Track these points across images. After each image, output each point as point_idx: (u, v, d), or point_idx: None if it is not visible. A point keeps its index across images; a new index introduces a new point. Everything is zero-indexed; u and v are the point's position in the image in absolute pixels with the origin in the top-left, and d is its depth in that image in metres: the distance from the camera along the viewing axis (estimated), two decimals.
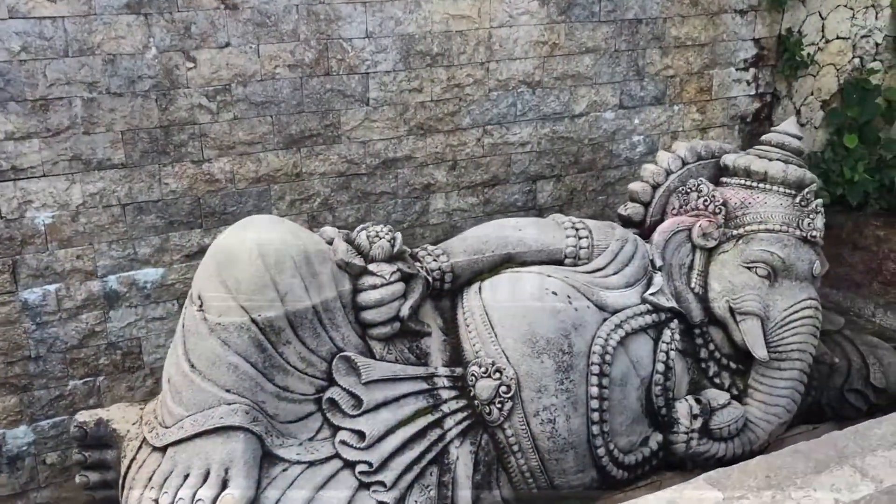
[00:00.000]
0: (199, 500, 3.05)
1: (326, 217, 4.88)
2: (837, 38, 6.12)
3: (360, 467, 3.33)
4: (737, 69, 5.83)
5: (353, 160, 4.84)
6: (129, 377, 4.66)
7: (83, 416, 3.58)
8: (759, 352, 3.92)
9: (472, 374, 3.62)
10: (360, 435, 3.38)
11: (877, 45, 6.28)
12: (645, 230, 4.30)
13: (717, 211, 4.11)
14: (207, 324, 3.22)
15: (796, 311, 3.96)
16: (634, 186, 4.37)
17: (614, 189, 5.63)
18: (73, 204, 4.26)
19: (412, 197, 5.08)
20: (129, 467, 3.35)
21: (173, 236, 4.54)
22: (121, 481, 3.40)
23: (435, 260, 3.83)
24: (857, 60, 6.24)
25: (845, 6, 6.06)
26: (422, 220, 5.15)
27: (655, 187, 4.30)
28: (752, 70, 5.89)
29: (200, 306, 3.26)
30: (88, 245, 4.36)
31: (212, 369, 3.21)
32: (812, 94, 6.19)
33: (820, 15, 5.99)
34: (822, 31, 6.05)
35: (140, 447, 3.37)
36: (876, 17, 6.21)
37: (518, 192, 5.38)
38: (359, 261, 3.52)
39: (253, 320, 3.22)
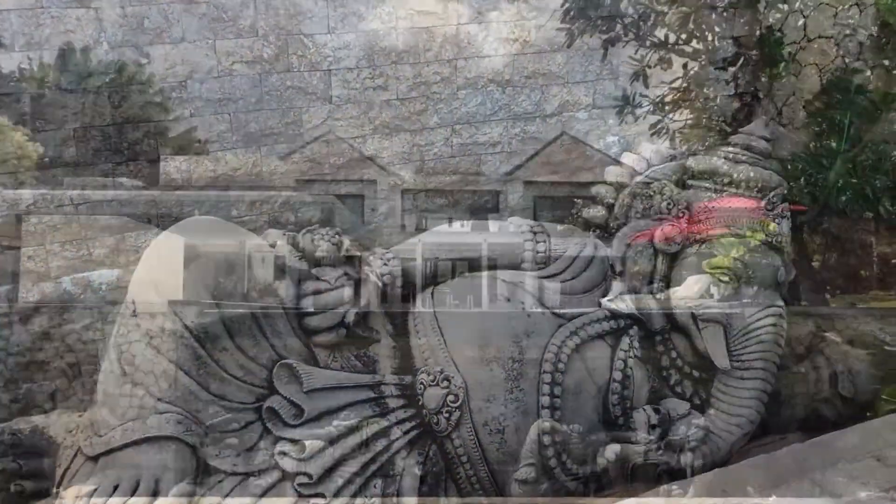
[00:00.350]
0: None
1: (289, 218, 4.76)
2: (820, 36, 5.98)
3: (299, 479, 3.24)
4: (715, 68, 5.69)
5: (316, 160, 4.73)
6: (86, 380, 4.56)
7: (19, 424, 3.49)
8: (721, 361, 3.80)
9: (421, 383, 3.52)
10: (300, 445, 3.27)
11: (861, 44, 6.12)
12: (608, 233, 4.17)
13: (681, 214, 3.99)
14: (140, 330, 3.14)
15: (760, 319, 3.83)
16: (598, 189, 4.26)
17: (588, 191, 5.49)
18: (24, 203, 4.16)
19: (378, 198, 4.97)
20: (63, 476, 3.26)
21: (129, 237, 4.44)
22: (54, 490, 3.30)
23: (385, 264, 3.71)
24: (840, 60, 6.09)
25: (828, 4, 5.91)
26: (388, 222, 5.03)
27: (619, 189, 4.19)
28: (731, 69, 5.74)
29: (134, 312, 3.16)
30: (40, 245, 4.26)
31: (144, 377, 3.12)
32: (794, 94, 6.05)
33: (801, 13, 5.85)
34: (804, 29, 5.90)
35: (75, 456, 3.28)
36: (860, 16, 6.06)
37: (488, 193, 5.26)
38: (302, 265, 3.41)
39: (186, 326, 3.13)
